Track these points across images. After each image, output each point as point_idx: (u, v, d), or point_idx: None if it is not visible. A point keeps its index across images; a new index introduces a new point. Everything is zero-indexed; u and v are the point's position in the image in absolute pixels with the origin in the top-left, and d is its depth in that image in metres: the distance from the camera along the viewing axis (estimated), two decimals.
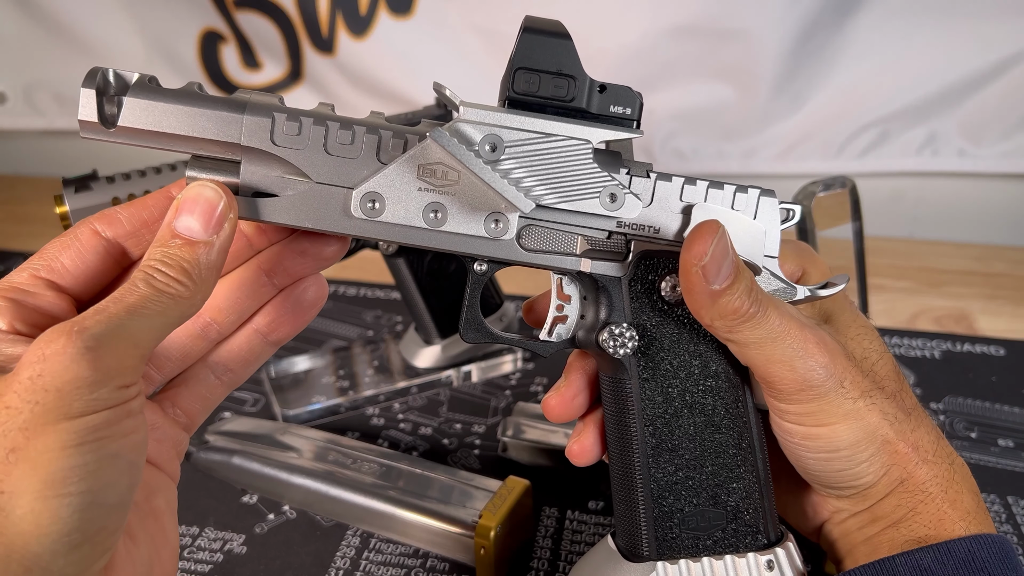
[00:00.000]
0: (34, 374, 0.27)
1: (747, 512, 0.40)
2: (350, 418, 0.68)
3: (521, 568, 0.53)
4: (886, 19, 0.93)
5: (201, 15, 1.06)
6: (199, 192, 0.33)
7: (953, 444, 0.65)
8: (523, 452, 0.61)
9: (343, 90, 1.08)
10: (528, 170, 0.36)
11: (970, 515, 0.38)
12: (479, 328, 0.40)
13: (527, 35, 0.36)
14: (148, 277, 0.31)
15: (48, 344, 0.28)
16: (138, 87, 0.34)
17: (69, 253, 0.34)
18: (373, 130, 0.36)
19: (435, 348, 0.71)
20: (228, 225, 0.33)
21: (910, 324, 0.84)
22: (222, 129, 0.34)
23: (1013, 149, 0.98)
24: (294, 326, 0.40)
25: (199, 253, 0.32)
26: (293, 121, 0.35)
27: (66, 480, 0.27)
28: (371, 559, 0.54)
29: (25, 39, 1.12)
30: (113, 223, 0.35)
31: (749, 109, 1.00)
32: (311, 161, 0.35)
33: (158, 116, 0.34)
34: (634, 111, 0.37)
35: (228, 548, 0.55)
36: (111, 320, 0.29)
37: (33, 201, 1.13)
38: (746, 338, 0.37)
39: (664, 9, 0.93)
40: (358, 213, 0.36)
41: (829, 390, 0.37)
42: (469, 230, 0.37)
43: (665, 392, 0.39)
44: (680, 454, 0.39)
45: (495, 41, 0.99)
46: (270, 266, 0.38)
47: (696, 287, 0.36)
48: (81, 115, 0.34)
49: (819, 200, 0.63)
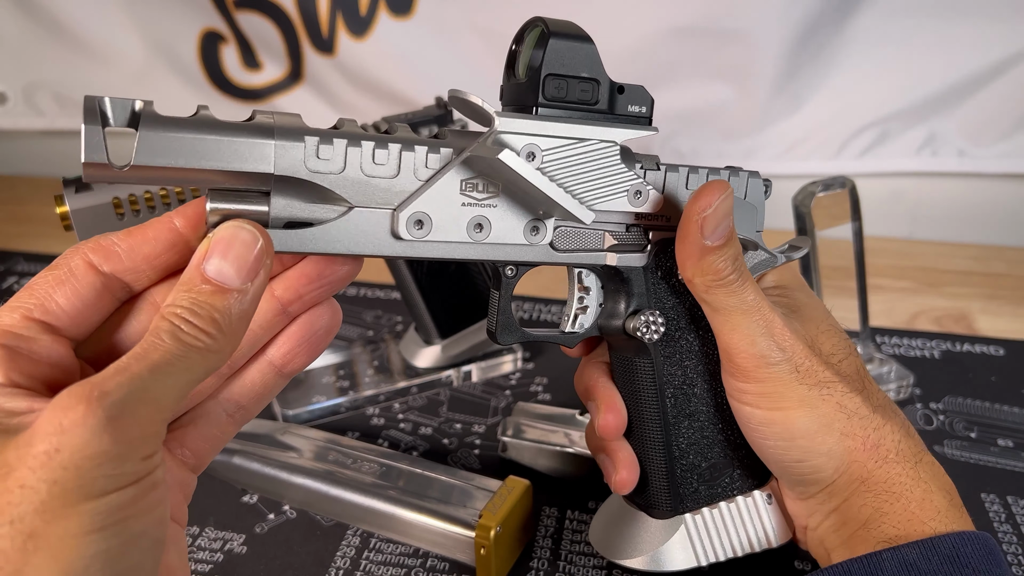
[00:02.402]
0: (51, 448, 0.24)
1: (746, 458, 0.44)
2: (350, 418, 0.68)
3: (521, 568, 0.53)
4: (886, 19, 0.93)
5: (201, 15, 1.06)
6: (234, 234, 0.30)
7: (953, 444, 0.65)
8: (523, 452, 0.61)
9: (343, 90, 1.08)
10: (567, 175, 0.37)
11: (940, 514, 0.38)
12: (513, 330, 0.40)
13: (555, 40, 0.36)
14: (175, 329, 0.28)
15: (66, 413, 0.24)
16: (149, 119, 0.30)
17: (64, 291, 0.30)
18: (408, 146, 0.34)
19: (435, 348, 0.71)
20: (264, 271, 0.30)
21: (910, 324, 0.84)
22: (252, 158, 0.31)
23: (1013, 149, 0.98)
24: (309, 356, 0.37)
25: (231, 302, 0.29)
26: (327, 144, 0.32)
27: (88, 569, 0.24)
28: (371, 559, 0.54)
29: (25, 39, 1.12)
30: (111, 257, 0.31)
31: (749, 109, 1.00)
32: (349, 184, 0.33)
33: (177, 149, 0.30)
34: (648, 109, 0.39)
35: (228, 548, 0.55)
36: (134, 382, 0.26)
37: (33, 201, 1.13)
38: (720, 303, 0.38)
39: (664, 9, 0.93)
40: (407, 235, 0.34)
41: (783, 371, 0.39)
42: (511, 239, 0.37)
43: (682, 365, 0.43)
44: (697, 418, 0.44)
45: (495, 41, 0.99)
46: (284, 295, 0.35)
47: (690, 237, 0.37)
48: (87, 157, 0.29)
49: (819, 200, 0.63)
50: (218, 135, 0.31)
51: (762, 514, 0.45)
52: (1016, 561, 0.54)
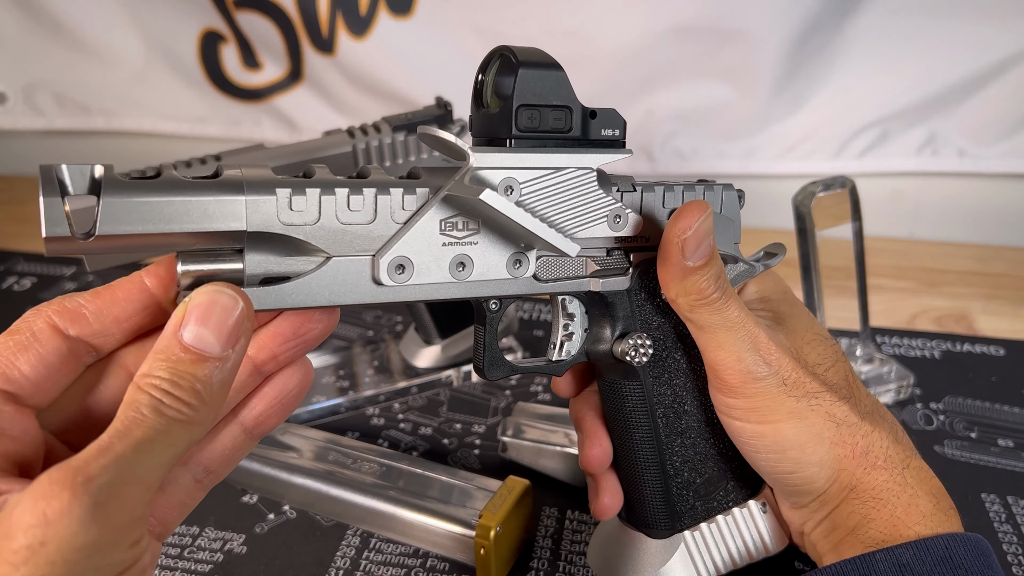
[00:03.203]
0: (34, 542, 0.22)
1: (738, 469, 0.44)
2: (350, 418, 0.68)
3: (521, 568, 0.53)
4: (886, 19, 0.93)
5: (201, 15, 1.06)
6: (213, 299, 0.28)
7: (953, 444, 0.65)
8: (523, 452, 0.61)
9: (343, 90, 1.08)
10: (546, 206, 0.37)
11: (926, 518, 0.38)
12: (501, 364, 0.40)
13: (525, 70, 0.35)
14: (156, 403, 0.26)
15: (49, 502, 0.23)
16: (111, 184, 0.28)
17: (28, 357, 0.28)
18: (384, 190, 0.33)
19: (435, 348, 0.71)
20: (244, 337, 0.29)
21: (910, 324, 0.84)
22: (222, 216, 0.30)
23: (1013, 149, 0.98)
24: (280, 418, 0.35)
25: (212, 371, 0.28)
26: (299, 195, 0.31)
27: None
28: (371, 559, 0.54)
29: (25, 39, 1.12)
30: (77, 320, 0.30)
31: (749, 109, 1.00)
32: (325, 234, 0.32)
33: (144, 214, 0.28)
34: (621, 132, 0.38)
35: (228, 548, 0.55)
36: (118, 463, 0.24)
37: (33, 201, 1.12)
38: (704, 321, 0.38)
39: (664, 9, 0.93)
40: (388, 281, 0.34)
41: (770, 385, 0.39)
42: (494, 275, 0.37)
43: (672, 385, 0.43)
44: (688, 434, 0.43)
45: (495, 41, 0.98)
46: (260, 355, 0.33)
47: (672, 259, 0.37)
48: (47, 231, 0.27)
49: (819, 200, 0.63)
50: (186, 195, 0.29)
51: (759, 523, 0.45)
52: (1016, 561, 0.54)
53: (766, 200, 0.93)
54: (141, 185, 0.29)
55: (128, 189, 0.28)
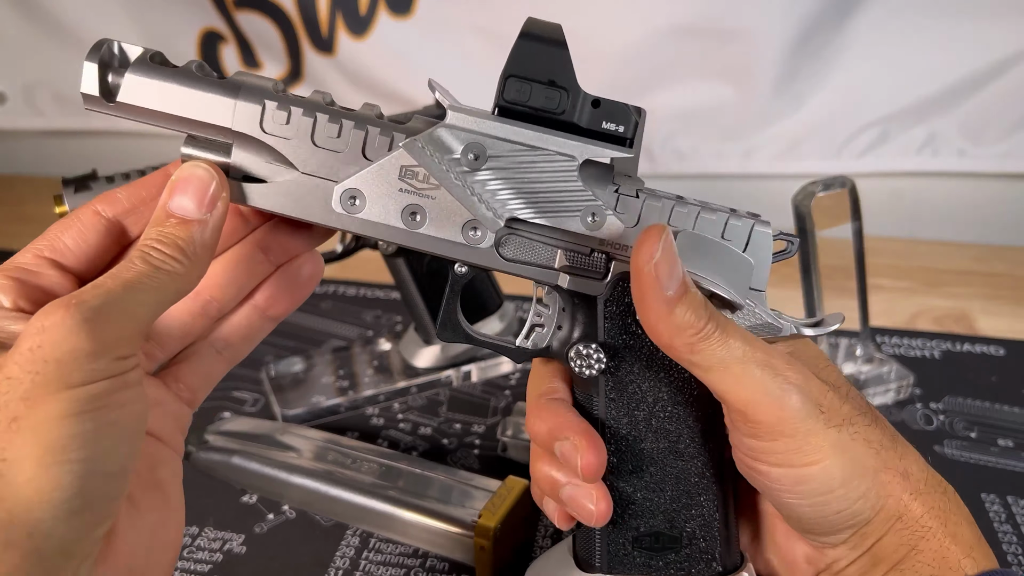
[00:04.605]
0: (34, 345, 0.28)
1: (703, 539, 0.39)
2: (350, 418, 0.68)
3: (521, 568, 0.53)
4: (886, 19, 0.93)
5: (201, 15, 1.06)
6: (191, 172, 0.34)
7: (953, 444, 0.65)
8: (523, 452, 0.61)
9: (343, 90, 1.08)
10: (508, 182, 0.36)
11: (973, 549, 0.36)
12: (455, 328, 0.39)
13: (522, 41, 0.35)
14: (144, 255, 0.32)
15: (47, 316, 0.28)
16: (139, 63, 0.34)
17: (71, 233, 0.35)
18: (361, 125, 0.35)
19: (435, 348, 0.71)
20: (221, 204, 0.34)
21: (910, 324, 0.84)
22: (214, 112, 0.35)
23: (1013, 149, 0.98)
24: (291, 302, 0.40)
25: (193, 231, 0.33)
26: (283, 110, 0.35)
27: (66, 448, 0.27)
28: (371, 559, 0.54)
29: (25, 39, 1.12)
30: (113, 203, 0.35)
31: (749, 109, 1.00)
32: (298, 151, 0.35)
33: (155, 94, 0.34)
34: (628, 129, 0.35)
35: (228, 548, 0.55)
36: (109, 294, 0.30)
37: (33, 201, 1.13)
38: (709, 359, 0.34)
39: (664, 9, 0.93)
40: (338, 208, 0.36)
41: (808, 415, 0.34)
42: (447, 235, 0.36)
43: (631, 414, 0.39)
44: (640, 475, 0.39)
45: (495, 41, 0.99)
46: (266, 244, 0.39)
47: (650, 292, 0.33)
48: (83, 88, 0.34)
49: (819, 200, 0.63)
50: (192, 87, 0.34)
51: None
52: (1016, 561, 0.54)
53: (766, 200, 0.93)
54: (161, 70, 0.34)
55: (149, 70, 0.34)
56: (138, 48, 0.34)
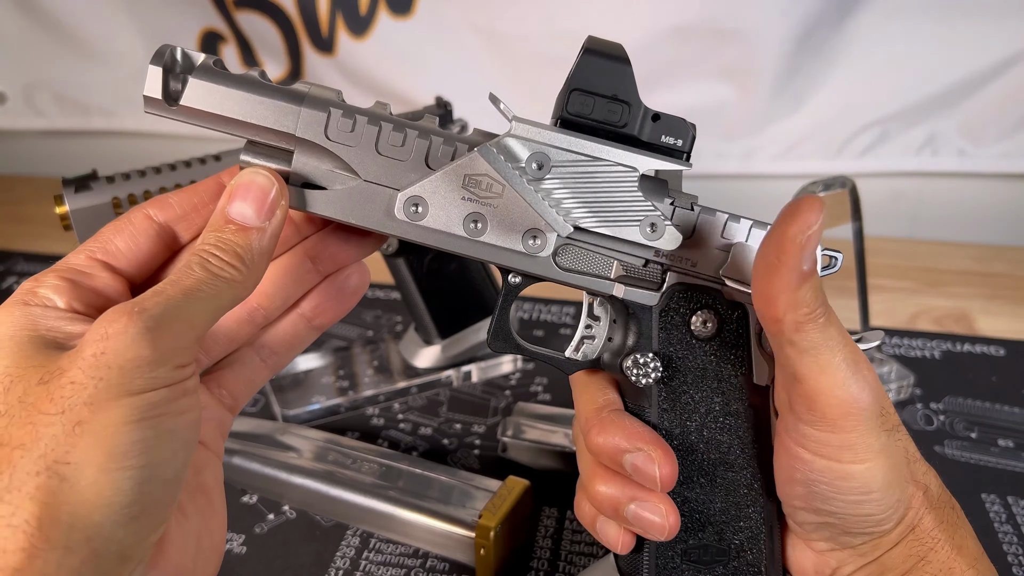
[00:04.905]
0: (98, 351, 0.28)
1: (751, 552, 0.39)
2: (350, 418, 0.68)
3: (521, 568, 0.53)
4: (886, 19, 0.93)
5: (201, 15, 1.06)
6: (252, 178, 0.34)
7: (953, 444, 0.65)
8: (523, 452, 0.61)
9: (343, 90, 1.07)
10: (571, 191, 0.36)
11: (977, 561, 0.36)
12: (507, 338, 0.40)
13: (587, 56, 0.35)
14: (203, 261, 0.32)
15: (110, 323, 0.28)
16: (203, 69, 0.35)
17: (123, 236, 0.35)
18: (425, 135, 0.36)
19: (435, 348, 0.71)
20: (280, 212, 0.34)
21: (910, 324, 0.84)
22: (279, 119, 0.35)
23: (1013, 149, 0.98)
24: (337, 312, 0.41)
25: (252, 239, 0.33)
26: (348, 118, 0.35)
27: (127, 454, 0.28)
28: (371, 559, 0.54)
29: (25, 39, 1.12)
30: (165, 207, 0.36)
31: (749, 109, 1.00)
32: (361, 159, 0.36)
33: (219, 99, 0.35)
34: (686, 143, 0.37)
35: (228, 548, 0.55)
36: (169, 302, 0.30)
37: (33, 201, 1.13)
38: (809, 341, 0.33)
39: (664, 9, 0.93)
40: (401, 215, 0.36)
41: (872, 415, 0.34)
42: (507, 244, 0.37)
43: (683, 425, 0.39)
44: (691, 486, 0.39)
45: (495, 41, 0.99)
46: (315, 253, 0.39)
47: (790, 260, 0.31)
48: (146, 91, 0.34)
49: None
50: (256, 94, 0.35)
51: None
52: (1016, 561, 0.54)
53: (766, 200, 0.93)
54: (225, 76, 0.35)
55: (213, 76, 0.35)
56: (201, 55, 0.35)
